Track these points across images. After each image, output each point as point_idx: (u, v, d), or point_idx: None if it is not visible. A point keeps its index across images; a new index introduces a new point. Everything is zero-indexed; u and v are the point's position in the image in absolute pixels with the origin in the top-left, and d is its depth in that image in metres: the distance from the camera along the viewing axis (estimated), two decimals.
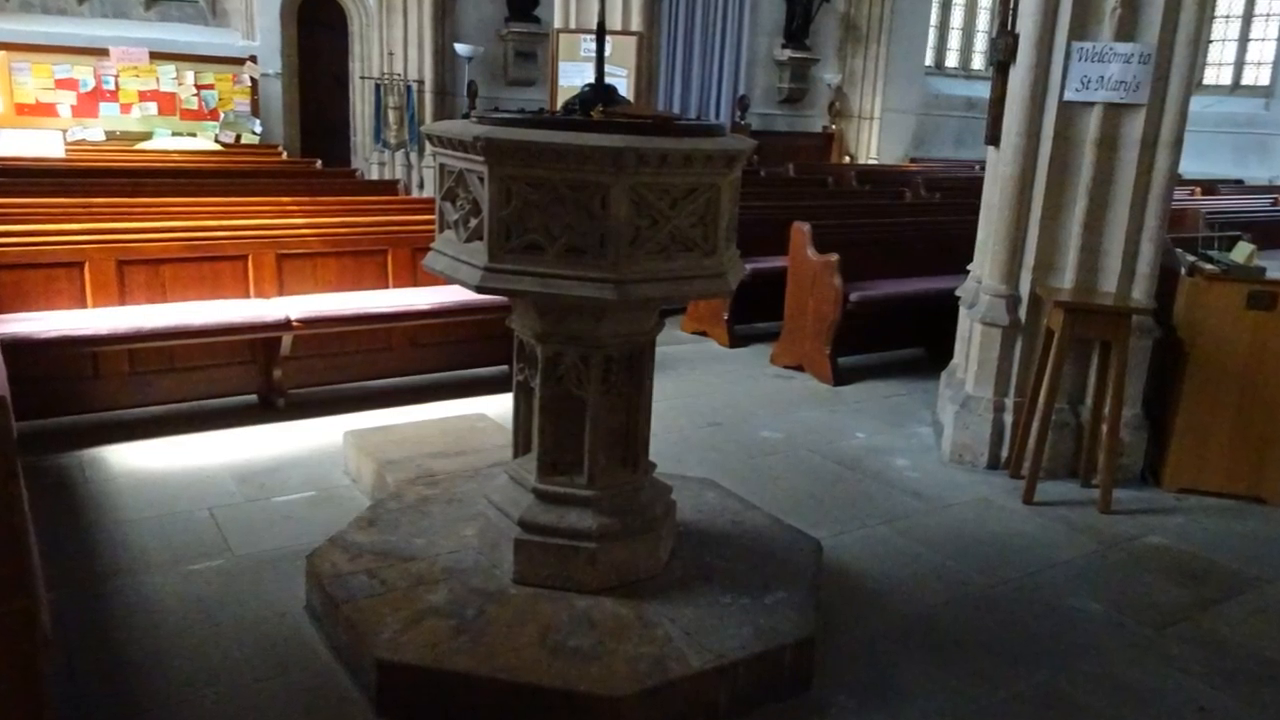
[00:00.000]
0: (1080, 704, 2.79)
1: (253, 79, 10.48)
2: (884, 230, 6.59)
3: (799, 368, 6.04)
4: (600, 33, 3.04)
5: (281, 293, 5.01)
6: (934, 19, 15.44)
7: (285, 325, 4.65)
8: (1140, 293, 4.31)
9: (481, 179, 2.58)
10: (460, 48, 10.67)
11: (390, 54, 10.79)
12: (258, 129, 10.49)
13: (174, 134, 9.89)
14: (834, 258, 5.75)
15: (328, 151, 10.24)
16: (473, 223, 2.66)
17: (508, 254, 2.58)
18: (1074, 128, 4.25)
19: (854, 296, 5.69)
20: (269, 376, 4.87)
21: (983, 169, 5.33)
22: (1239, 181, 11.29)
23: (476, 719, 2.51)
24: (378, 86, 10.68)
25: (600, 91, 2.82)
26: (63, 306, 4.50)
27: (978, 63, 15.88)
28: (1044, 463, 4.26)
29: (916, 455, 4.70)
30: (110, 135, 9.67)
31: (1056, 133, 4.25)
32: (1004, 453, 4.52)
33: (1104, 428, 4.24)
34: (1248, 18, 15.24)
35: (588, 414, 2.81)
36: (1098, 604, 3.36)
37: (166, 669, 2.71)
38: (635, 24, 9.92)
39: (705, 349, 6.53)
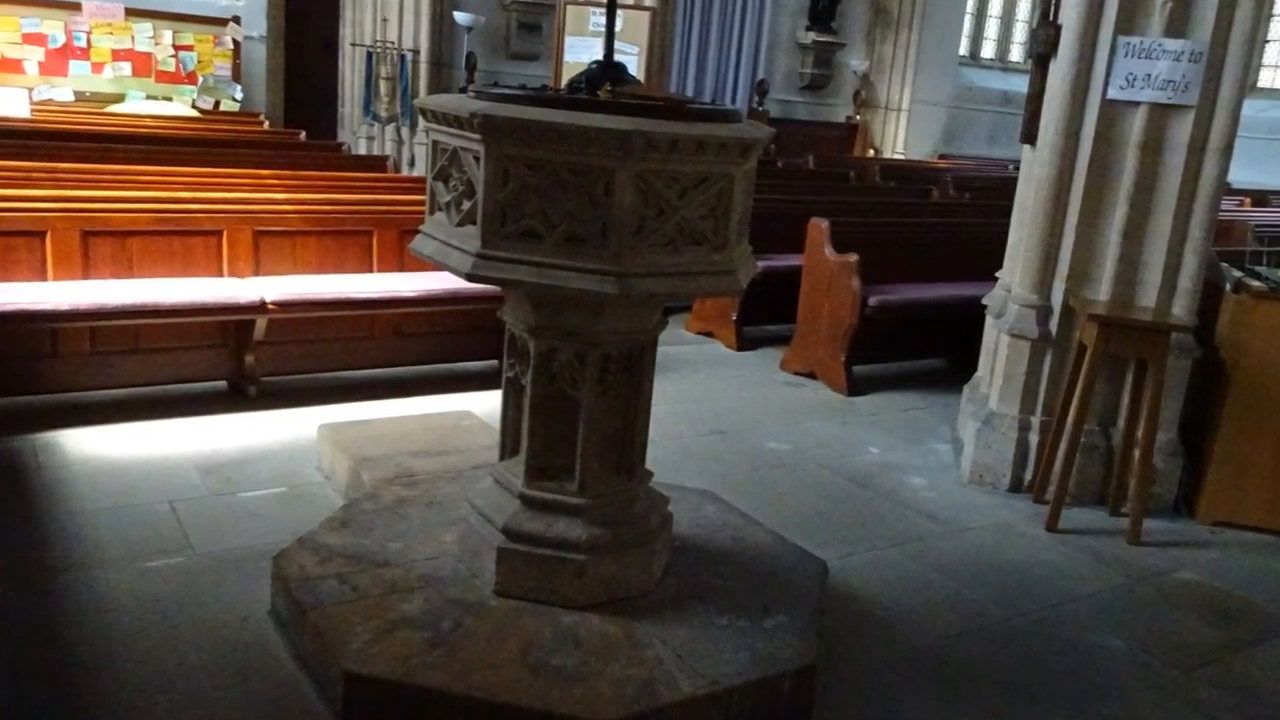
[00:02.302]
0: None
1: (235, 41, 10.48)
2: (908, 231, 6.59)
3: (811, 375, 6.04)
4: (611, 6, 3.03)
5: (257, 272, 5.01)
6: (970, 6, 15.42)
7: (260, 307, 4.65)
8: (1181, 308, 4.31)
9: (477, 159, 2.58)
10: (460, 16, 10.67)
11: (384, 20, 10.78)
12: (238, 95, 10.49)
13: (148, 97, 9.88)
14: (853, 258, 5.75)
15: (313, 122, 10.22)
16: (466, 205, 2.66)
17: (502, 240, 2.58)
18: (1117, 128, 4.25)
19: (873, 300, 5.69)
20: (240, 362, 4.87)
21: (1016, 169, 5.33)
22: None
23: None
24: (369, 55, 10.67)
25: (608, 69, 2.82)
26: (21, 278, 4.50)
27: (1016, 54, 15.86)
28: (1070, 488, 4.26)
29: (933, 474, 4.70)
30: (80, 96, 9.67)
31: (1098, 133, 4.25)
32: (1028, 475, 4.53)
33: (1136, 453, 4.24)
34: None
35: (581, 416, 2.81)
36: (1122, 642, 3.36)
37: (118, 672, 2.71)
38: None
39: (710, 351, 6.53)
